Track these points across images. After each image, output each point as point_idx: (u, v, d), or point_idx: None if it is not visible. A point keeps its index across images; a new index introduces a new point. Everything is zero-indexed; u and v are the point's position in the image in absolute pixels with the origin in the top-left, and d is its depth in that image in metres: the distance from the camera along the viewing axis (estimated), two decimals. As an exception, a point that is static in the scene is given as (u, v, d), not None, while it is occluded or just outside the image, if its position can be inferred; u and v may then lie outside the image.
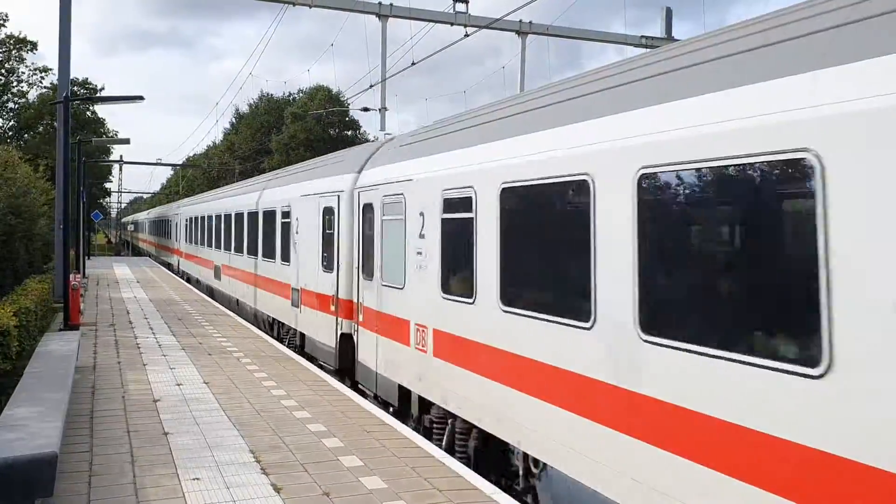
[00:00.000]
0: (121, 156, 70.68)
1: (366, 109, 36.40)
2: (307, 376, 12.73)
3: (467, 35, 26.58)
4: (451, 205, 8.65)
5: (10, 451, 6.23)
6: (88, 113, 55.16)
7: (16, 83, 49.40)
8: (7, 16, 48.08)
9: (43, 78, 50.13)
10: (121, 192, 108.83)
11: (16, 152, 23.12)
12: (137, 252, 75.38)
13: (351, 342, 12.40)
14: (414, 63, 26.04)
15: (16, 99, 50.21)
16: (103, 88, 54.05)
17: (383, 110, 29.51)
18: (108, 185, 79.15)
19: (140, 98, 17.98)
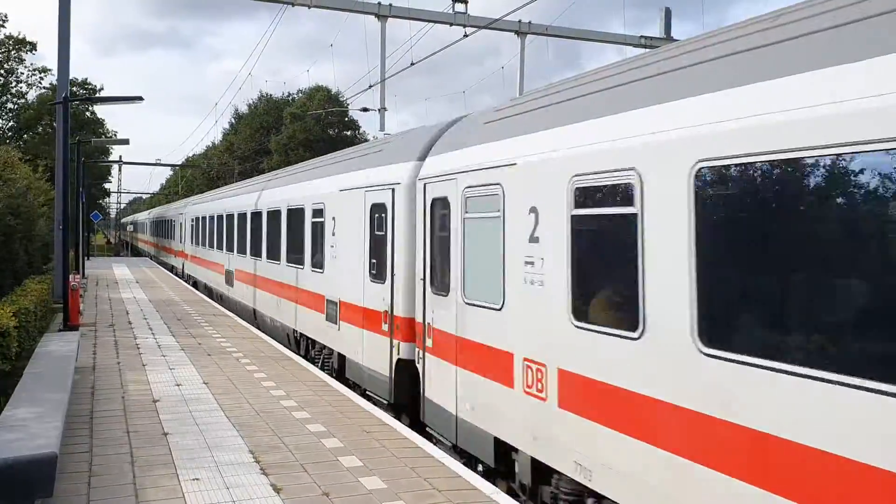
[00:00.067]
0: (120, 156, 70.87)
1: (365, 110, 36.46)
2: (307, 376, 12.74)
3: (466, 35, 26.61)
4: (591, 196, 6.37)
5: (10, 452, 6.25)
6: (88, 113, 55.25)
7: (15, 83, 49.48)
8: (6, 16, 48.08)
9: (42, 78, 50.27)
10: (120, 192, 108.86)
11: (15, 153, 23.13)
12: (137, 253, 75.40)
13: (412, 371, 10.03)
14: (413, 63, 26.11)
15: (15, 99, 50.26)
16: (102, 88, 54.21)
17: (382, 110, 29.52)
18: (107, 186, 79.22)
19: (139, 98, 18.01)
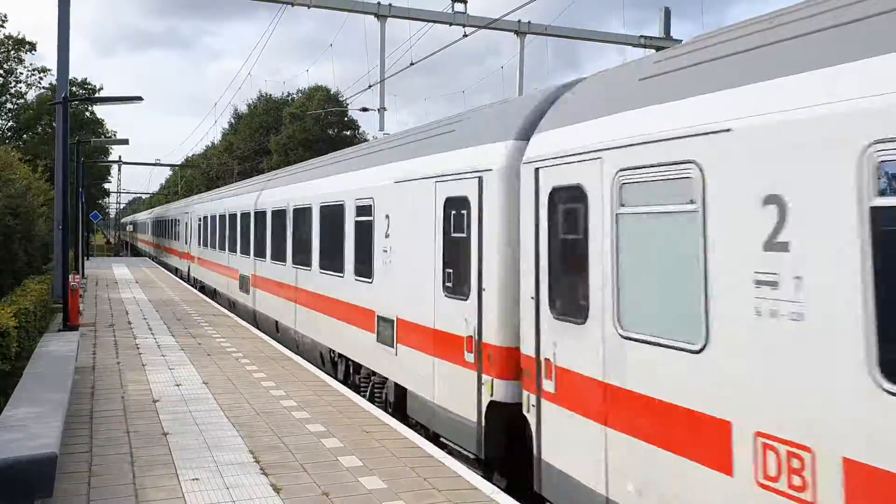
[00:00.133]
0: (119, 156, 71.01)
1: (364, 109, 36.51)
2: (306, 376, 12.74)
3: (466, 35, 26.62)
4: None
5: (10, 452, 6.26)
6: (87, 113, 55.23)
7: (14, 83, 49.48)
8: (6, 16, 48.09)
9: (41, 78, 50.27)
10: (120, 192, 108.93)
11: (15, 153, 23.13)
12: (136, 253, 75.42)
13: (512, 418, 7.67)
14: (413, 63, 26.12)
15: (14, 99, 50.26)
16: (102, 88, 54.17)
17: (382, 110, 29.53)
18: (106, 186, 79.22)
19: (139, 98, 18.01)
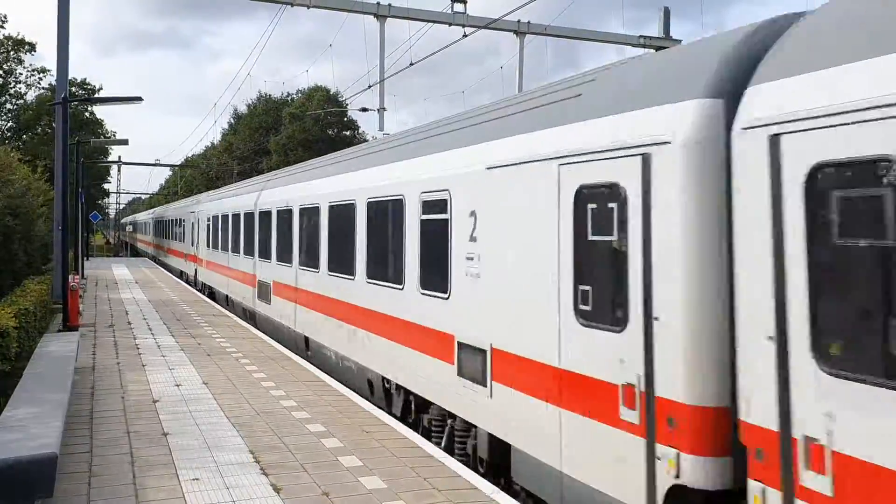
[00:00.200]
0: (119, 156, 71.09)
1: (364, 110, 36.57)
2: (306, 376, 12.74)
3: (465, 35, 26.62)
4: None
5: (10, 452, 6.26)
6: (87, 114, 55.25)
7: (14, 84, 49.50)
8: (6, 17, 48.07)
9: (41, 79, 50.30)
10: (119, 192, 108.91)
11: (14, 153, 23.13)
12: (136, 253, 75.43)
13: None
14: (412, 63, 26.13)
15: (14, 100, 50.27)
16: (101, 89, 54.20)
17: (382, 110, 29.52)
18: (106, 186, 79.22)
19: (139, 99, 18.01)
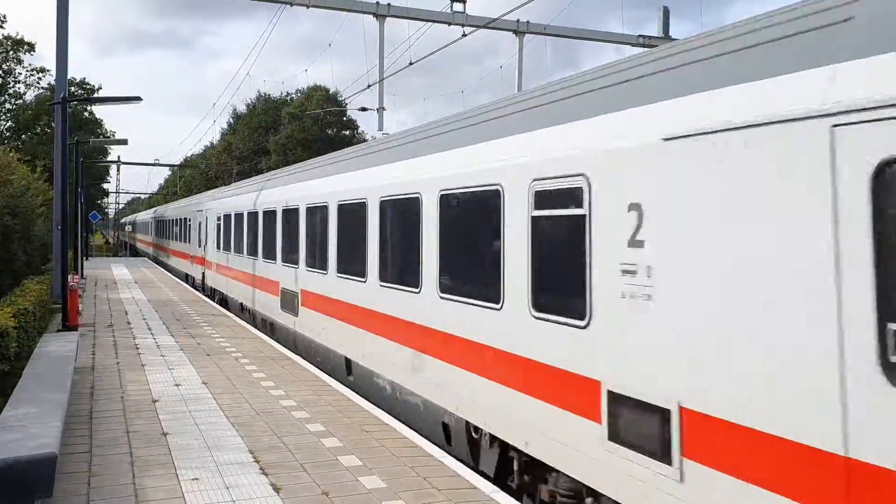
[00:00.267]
0: (118, 156, 71.08)
1: (363, 109, 36.62)
2: (306, 376, 12.74)
3: (465, 35, 26.63)
4: None
5: (9, 452, 6.25)
6: (86, 113, 55.23)
7: (13, 84, 49.47)
8: (5, 17, 48.03)
9: (40, 79, 50.26)
10: (119, 192, 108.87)
11: (13, 153, 23.12)
12: (135, 253, 75.40)
13: None
14: (411, 63, 26.15)
15: (13, 100, 50.24)
16: (100, 88, 54.17)
17: (381, 110, 29.54)
18: (105, 186, 79.22)
19: (138, 99, 18.01)
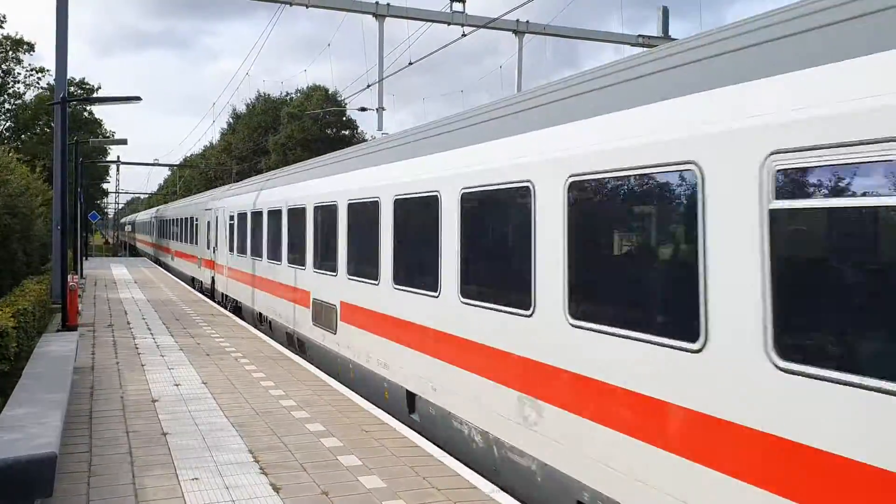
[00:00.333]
0: (118, 156, 71.10)
1: (363, 109, 36.60)
2: (306, 376, 12.74)
3: (465, 35, 26.62)
4: None
5: (9, 452, 6.24)
6: (85, 113, 55.25)
7: (12, 84, 49.48)
8: (5, 17, 48.04)
9: (40, 79, 50.29)
10: (118, 192, 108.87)
11: (13, 153, 23.11)
12: (135, 253, 75.40)
13: None
14: (411, 63, 26.14)
15: (13, 100, 50.25)
16: (100, 88, 54.23)
17: (381, 110, 29.53)
18: (105, 186, 79.22)
19: (137, 98, 18.00)
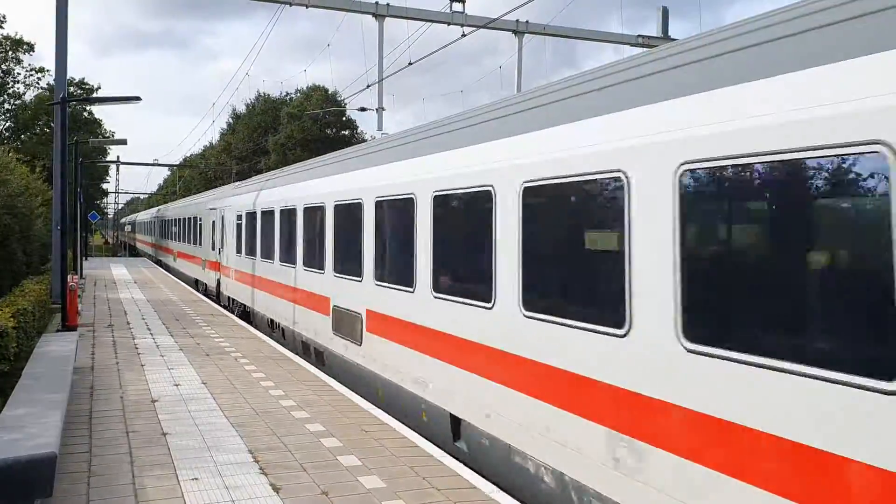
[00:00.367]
0: (118, 156, 71.16)
1: (363, 109, 36.61)
2: (305, 376, 12.74)
3: (464, 35, 26.63)
4: None
5: (9, 452, 6.24)
6: (85, 113, 55.26)
7: (12, 84, 49.49)
8: (4, 17, 48.05)
9: (40, 79, 50.31)
10: (118, 192, 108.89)
11: (12, 153, 23.12)
12: (135, 253, 75.41)
13: None
14: (411, 63, 26.15)
15: (12, 100, 50.25)
16: (99, 88, 54.25)
17: (380, 110, 29.54)
18: (105, 186, 79.22)
19: (137, 98, 17.99)
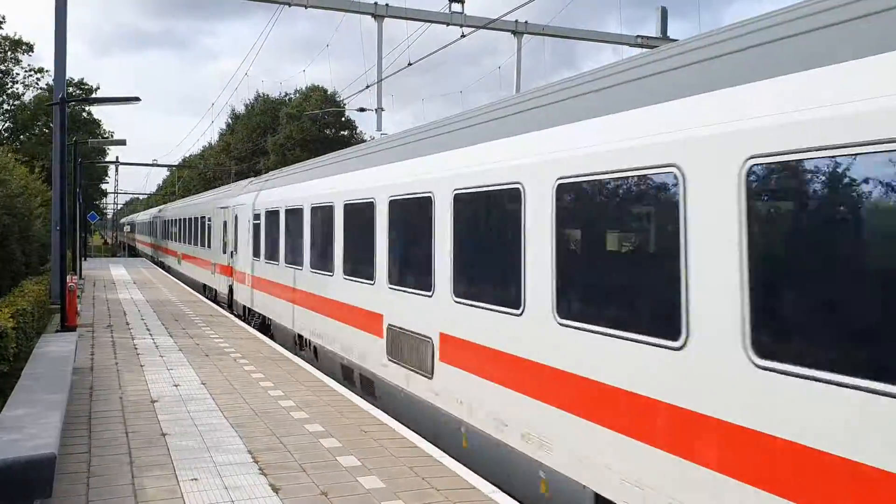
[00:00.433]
0: (117, 157, 71.17)
1: (362, 110, 36.59)
2: (305, 377, 12.74)
3: (464, 35, 26.64)
4: None
5: (8, 453, 6.24)
6: (84, 114, 55.24)
7: (11, 84, 49.45)
8: (4, 18, 48.03)
9: (39, 79, 50.28)
10: (117, 192, 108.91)
11: (12, 154, 23.12)
12: (134, 253, 75.42)
13: None
14: (410, 63, 26.19)
15: (11, 100, 50.22)
16: (98, 88, 54.20)
17: (380, 110, 29.54)
18: (104, 186, 79.21)
19: (136, 99, 17.98)
